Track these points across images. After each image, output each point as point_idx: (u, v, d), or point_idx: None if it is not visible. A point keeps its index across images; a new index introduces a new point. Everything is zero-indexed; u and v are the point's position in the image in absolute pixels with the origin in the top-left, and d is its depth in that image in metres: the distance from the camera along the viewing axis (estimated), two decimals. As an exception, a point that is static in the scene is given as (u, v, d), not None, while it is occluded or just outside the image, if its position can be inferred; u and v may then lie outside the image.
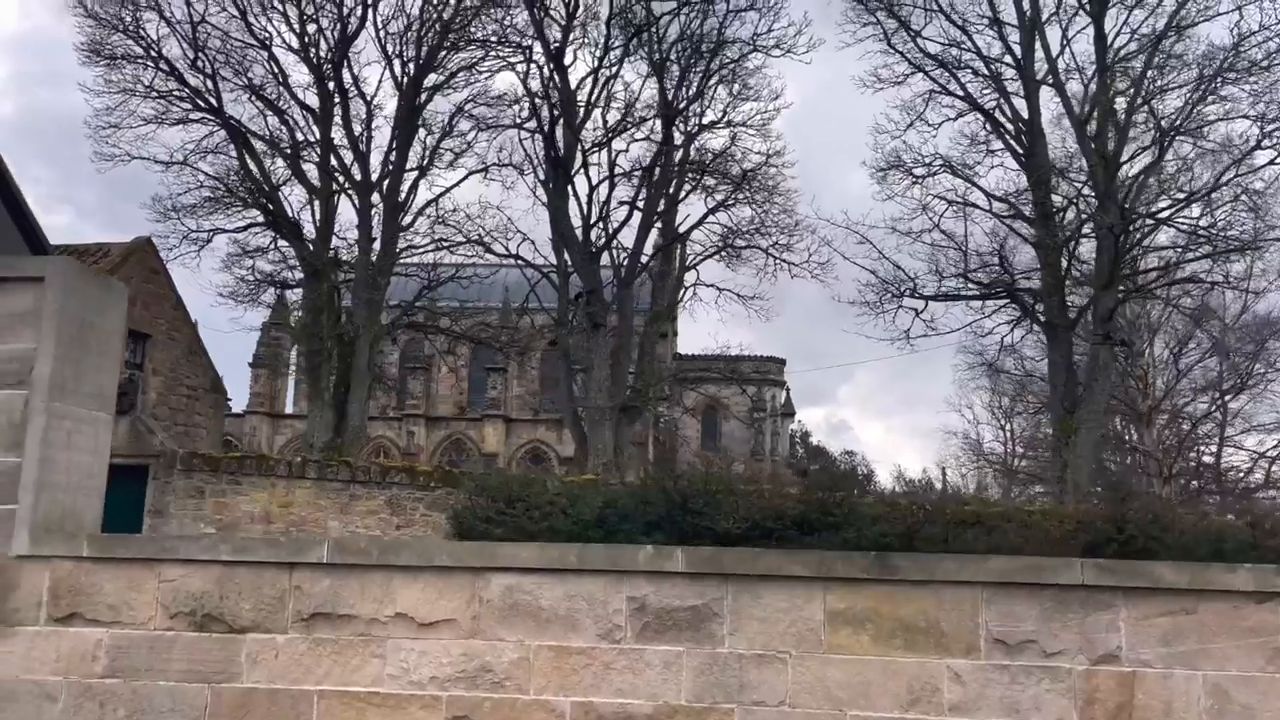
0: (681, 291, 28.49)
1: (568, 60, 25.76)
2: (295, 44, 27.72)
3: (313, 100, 27.73)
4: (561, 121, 25.54)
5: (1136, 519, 15.90)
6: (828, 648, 4.37)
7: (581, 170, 25.98)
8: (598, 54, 26.02)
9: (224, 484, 19.65)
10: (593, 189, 26.02)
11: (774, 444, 69.68)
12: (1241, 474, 41.74)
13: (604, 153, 26.39)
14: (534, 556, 4.63)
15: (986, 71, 25.87)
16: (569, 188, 25.67)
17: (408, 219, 27.77)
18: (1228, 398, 39.65)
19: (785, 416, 71.88)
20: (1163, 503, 19.59)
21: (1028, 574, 4.26)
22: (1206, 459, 42.45)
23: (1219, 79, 22.83)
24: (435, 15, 27.35)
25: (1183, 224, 23.60)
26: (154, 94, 26.79)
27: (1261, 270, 26.89)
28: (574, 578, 4.58)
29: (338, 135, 27.63)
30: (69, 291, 5.20)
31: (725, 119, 26.41)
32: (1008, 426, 54.22)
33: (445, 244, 27.86)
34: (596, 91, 26.04)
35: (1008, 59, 25.25)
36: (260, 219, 28.73)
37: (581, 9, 25.26)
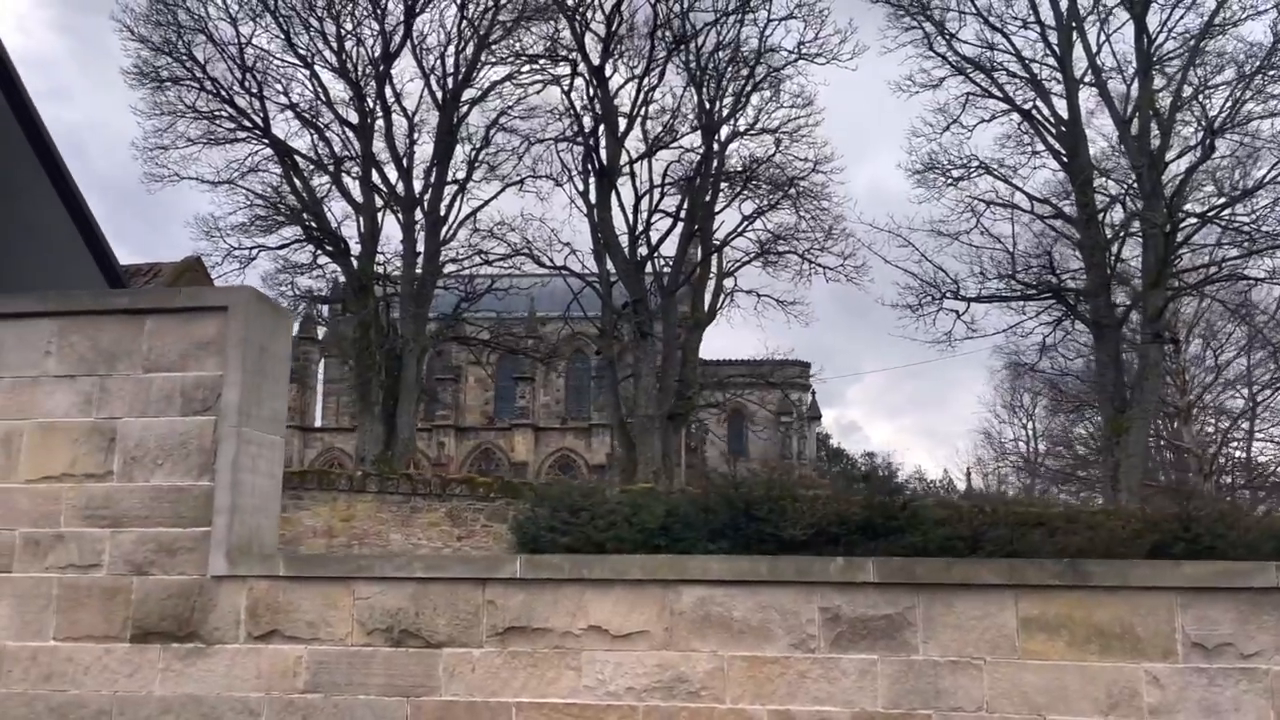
0: (722, 298, 28.69)
1: (608, 73, 25.99)
2: (334, 61, 28.05)
3: (354, 117, 28.04)
4: (604, 133, 25.74)
5: (1202, 518, 15.92)
6: (1023, 653, 4.49)
7: (626, 180, 26.22)
8: (639, 67, 26.25)
9: (286, 499, 19.86)
10: (638, 199, 26.24)
11: (800, 447, 69.72)
12: (1272, 468, 41.51)
13: (646, 164, 26.60)
14: (725, 569, 4.77)
15: (1025, 73, 25.94)
16: (611, 199, 25.90)
17: (450, 232, 28.03)
18: (1264, 392, 39.55)
19: (811, 420, 71.96)
20: (1225, 501, 19.57)
21: (1222, 579, 4.37)
22: (1238, 454, 42.31)
23: (1259, 76, 22.81)
24: (473, 31, 27.63)
25: (1229, 221, 23.57)
26: (201, 115, 27.16)
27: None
28: (765, 589, 4.72)
29: (381, 153, 27.93)
30: (250, 320, 5.39)
31: (767, 127, 26.60)
32: (1029, 425, 54.35)
33: (493, 256, 28.13)
34: (638, 103, 26.27)
35: (1048, 60, 25.32)
36: (301, 235, 29.04)
37: (621, 22, 25.47)
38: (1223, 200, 23.30)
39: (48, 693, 5.12)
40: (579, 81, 26.40)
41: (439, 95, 28.31)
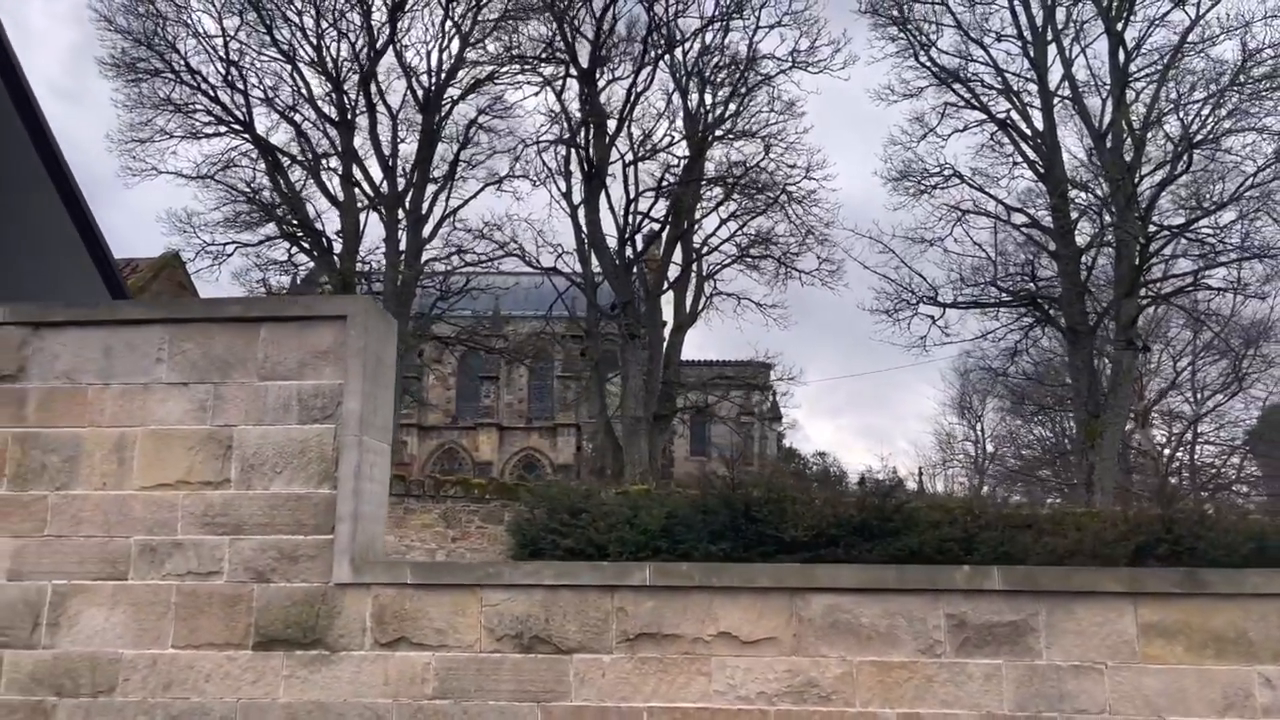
0: (703, 300, 28.90)
1: (597, 76, 26.04)
2: (314, 56, 27.76)
3: (335, 113, 27.78)
4: (593, 135, 25.82)
5: (1183, 520, 16.46)
6: (1142, 658, 4.71)
7: (612, 184, 26.35)
8: (628, 70, 26.38)
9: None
10: (629, 203, 26.37)
11: (762, 448, 70.43)
12: (1214, 470, 42.91)
13: (634, 168, 26.76)
14: (853, 577, 4.94)
15: (1002, 85, 26.54)
16: (599, 201, 25.99)
17: (435, 232, 27.94)
18: (1216, 396, 41.01)
19: (773, 421, 72.72)
20: (1205, 504, 20.22)
21: (1331, 586, 4.64)
22: (1183, 457, 43.70)
23: (1233, 93, 23.60)
24: (456, 28, 27.57)
25: (1201, 234, 24.37)
26: (182, 109, 26.74)
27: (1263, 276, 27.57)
28: (892, 596, 4.90)
29: (364, 149, 27.74)
30: (369, 329, 5.44)
31: (754, 132, 26.84)
32: (979, 427, 55.35)
33: (480, 256, 28.09)
34: (627, 107, 26.39)
35: (1026, 72, 25.95)
36: (275, 233, 28.71)
37: (614, 25, 25.54)
38: (1196, 214, 24.09)
39: (168, 700, 5.12)
40: (567, 83, 26.48)
41: (419, 93, 28.19)
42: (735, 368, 47.06)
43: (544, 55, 26.28)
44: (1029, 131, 26.07)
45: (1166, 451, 41.68)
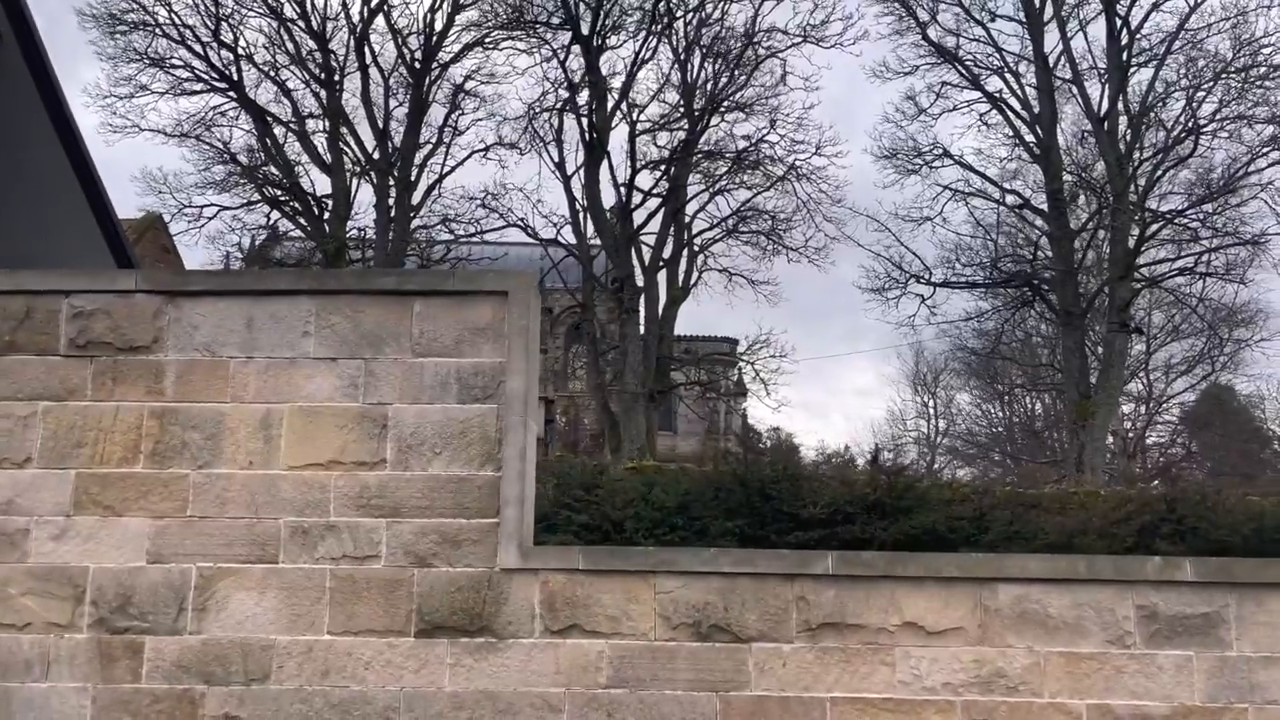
0: (695, 275, 28.75)
1: (600, 44, 25.60)
2: (299, 11, 26.97)
3: (322, 74, 27.04)
4: (594, 105, 25.44)
5: (1185, 500, 16.81)
6: (1333, 650, 4.72)
7: (611, 155, 26.01)
8: (629, 39, 25.99)
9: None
10: (633, 175, 26.06)
11: (728, 423, 70.76)
12: (1163, 451, 44.00)
13: (634, 140, 26.41)
14: (1042, 568, 4.88)
15: (1000, 65, 26.61)
16: (599, 172, 25.65)
17: (425, 199, 27.38)
18: (1178, 381, 41.99)
19: (738, 396, 73.06)
20: (1207, 483, 20.64)
21: None
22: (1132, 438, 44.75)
23: (1234, 79, 23.91)
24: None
25: (1192, 218, 24.74)
26: (162, 65, 25.81)
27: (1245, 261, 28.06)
28: (1080, 587, 4.84)
29: (355, 115, 27.08)
30: (529, 306, 5.23)
31: (752, 104, 26.62)
32: (931, 403, 55.49)
33: (477, 225, 27.60)
34: (629, 77, 26.02)
35: (1024, 53, 26.04)
36: (264, 197, 27.95)
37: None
38: (1193, 199, 24.47)
39: (326, 689, 4.92)
40: (571, 49, 25.97)
41: (408, 56, 27.53)
42: (704, 343, 47.02)
43: (543, 19, 25.79)
44: (1026, 115, 26.19)
45: (1132, 434, 42.64)
